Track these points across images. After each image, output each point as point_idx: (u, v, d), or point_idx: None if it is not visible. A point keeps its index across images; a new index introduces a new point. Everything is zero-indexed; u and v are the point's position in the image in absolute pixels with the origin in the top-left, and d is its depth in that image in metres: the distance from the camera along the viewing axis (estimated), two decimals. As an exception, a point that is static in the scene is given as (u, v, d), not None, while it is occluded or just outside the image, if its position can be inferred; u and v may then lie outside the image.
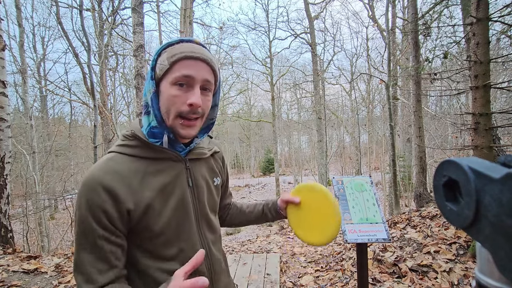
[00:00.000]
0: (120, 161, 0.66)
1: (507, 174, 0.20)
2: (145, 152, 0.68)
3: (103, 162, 0.65)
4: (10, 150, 3.74)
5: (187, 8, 6.23)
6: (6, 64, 3.82)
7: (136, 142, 0.68)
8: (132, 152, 0.68)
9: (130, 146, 0.68)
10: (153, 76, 0.67)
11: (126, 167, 0.65)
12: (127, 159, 0.67)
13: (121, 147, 0.68)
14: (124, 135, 0.70)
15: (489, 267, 0.25)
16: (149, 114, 0.69)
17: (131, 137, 0.69)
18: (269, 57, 18.27)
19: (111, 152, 0.69)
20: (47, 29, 13.69)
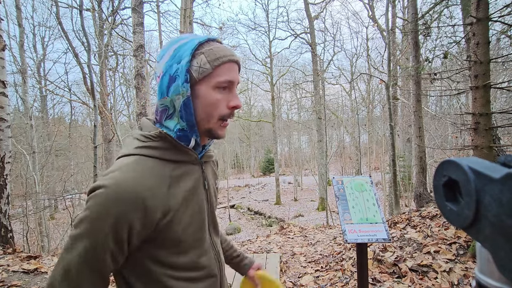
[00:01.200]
0: (148, 165, 0.60)
1: (507, 174, 0.20)
2: (172, 155, 0.64)
3: (130, 167, 0.58)
4: (10, 150, 3.74)
5: (187, 8, 6.23)
6: (6, 64, 3.82)
7: (163, 144, 0.63)
8: (159, 155, 0.62)
9: (157, 148, 0.62)
10: (188, 78, 0.61)
11: (156, 173, 0.60)
12: (154, 163, 0.61)
13: (146, 149, 0.61)
14: (148, 135, 0.63)
15: (489, 267, 0.25)
16: (172, 118, 0.64)
17: (157, 138, 0.62)
18: (269, 57, 18.29)
19: (129, 155, 0.61)
20: (47, 29, 13.71)
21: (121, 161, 0.60)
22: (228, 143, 28.53)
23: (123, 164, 0.59)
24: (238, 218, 15.10)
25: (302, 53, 20.03)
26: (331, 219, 8.93)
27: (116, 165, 0.59)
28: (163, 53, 0.64)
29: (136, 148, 0.62)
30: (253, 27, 19.08)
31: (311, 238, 4.44)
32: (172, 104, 0.63)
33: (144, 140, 0.63)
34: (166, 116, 0.65)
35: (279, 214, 14.52)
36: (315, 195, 16.63)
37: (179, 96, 0.61)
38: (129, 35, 9.71)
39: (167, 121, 0.65)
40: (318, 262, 3.39)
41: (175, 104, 0.63)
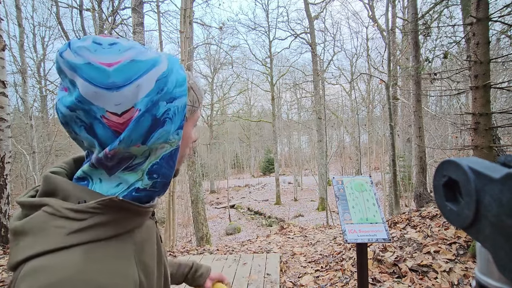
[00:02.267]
0: (106, 253, 0.40)
1: (507, 174, 0.20)
2: (127, 224, 0.44)
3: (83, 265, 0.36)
4: (10, 150, 3.74)
5: (187, 8, 6.23)
6: (6, 64, 3.82)
7: (114, 215, 0.41)
8: (111, 233, 0.41)
9: (105, 224, 0.41)
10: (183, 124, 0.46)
11: (121, 259, 0.42)
12: (108, 247, 0.41)
13: (89, 232, 0.39)
14: (88, 208, 0.39)
15: (489, 267, 0.25)
16: (134, 171, 0.45)
17: (104, 208, 0.40)
18: (269, 57, 18.30)
19: (68, 248, 0.37)
20: (47, 29, 13.72)
21: (52, 265, 0.35)
22: (228, 143, 28.55)
23: (62, 270, 0.35)
24: (238, 218, 15.10)
25: (302, 53, 20.07)
26: (331, 219, 8.93)
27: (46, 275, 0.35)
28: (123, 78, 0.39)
29: (71, 234, 0.38)
30: (253, 27, 19.11)
31: (311, 238, 4.44)
32: (146, 154, 0.44)
33: (80, 218, 0.39)
34: (126, 167, 0.44)
35: (279, 214, 14.53)
36: (315, 195, 16.64)
37: (166, 145, 0.45)
38: (129, 35, 9.71)
39: (126, 174, 0.44)
40: (318, 262, 3.39)
41: (152, 154, 0.45)
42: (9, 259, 0.39)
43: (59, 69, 0.39)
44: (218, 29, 13.95)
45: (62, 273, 0.35)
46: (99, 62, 0.38)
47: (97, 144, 0.42)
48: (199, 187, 7.94)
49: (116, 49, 0.40)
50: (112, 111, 0.40)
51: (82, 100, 0.38)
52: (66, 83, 0.40)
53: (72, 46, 0.39)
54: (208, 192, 22.16)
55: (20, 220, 0.40)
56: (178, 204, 12.95)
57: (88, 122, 0.40)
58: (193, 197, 7.98)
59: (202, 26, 12.79)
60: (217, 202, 19.24)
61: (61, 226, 0.38)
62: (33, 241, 0.37)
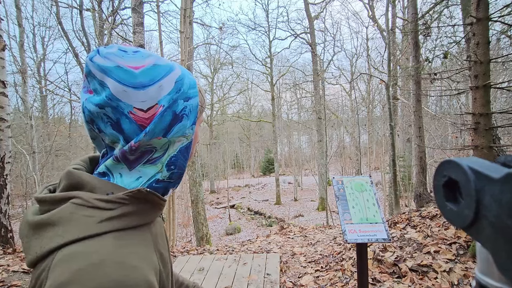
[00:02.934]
0: (133, 240, 0.43)
1: (507, 174, 0.20)
2: (150, 216, 0.48)
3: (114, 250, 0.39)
4: (10, 150, 3.74)
5: (187, 8, 6.23)
6: (6, 64, 3.82)
7: (139, 206, 0.45)
8: (137, 222, 0.45)
9: (132, 214, 0.44)
10: (196, 120, 0.53)
11: (146, 246, 0.45)
12: (135, 235, 0.44)
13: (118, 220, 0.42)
14: (117, 198, 0.43)
15: (489, 267, 0.25)
16: (155, 163, 0.49)
17: (131, 199, 0.44)
18: (269, 57, 18.30)
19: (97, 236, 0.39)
20: (47, 29, 13.72)
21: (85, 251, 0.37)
22: (228, 143, 28.57)
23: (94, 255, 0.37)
24: (238, 218, 15.10)
25: (302, 53, 20.06)
26: (331, 219, 8.93)
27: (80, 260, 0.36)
28: (147, 79, 0.45)
29: (101, 222, 0.40)
30: (253, 27, 19.10)
31: (311, 238, 4.44)
32: (165, 147, 0.49)
33: (110, 208, 0.42)
34: (147, 160, 0.48)
35: (279, 214, 14.53)
36: (315, 195, 16.65)
37: (183, 138, 0.50)
38: (129, 35, 9.72)
39: (147, 167, 0.48)
40: (318, 262, 3.39)
41: (170, 147, 0.49)
42: (30, 252, 0.40)
43: (88, 72, 0.44)
44: (218, 29, 13.96)
45: (96, 257, 0.37)
46: (127, 66, 0.44)
47: (122, 138, 0.46)
48: (199, 187, 7.94)
49: (140, 55, 0.46)
50: (139, 107, 0.45)
51: (112, 98, 0.43)
52: (94, 85, 0.44)
53: (101, 52, 0.44)
54: (208, 192, 22.15)
55: (40, 214, 0.42)
56: (178, 204, 12.95)
57: (115, 118, 0.45)
58: (193, 197, 7.98)
59: (202, 26, 12.79)
60: (217, 202, 19.23)
61: (91, 215, 0.40)
62: (63, 231, 0.39)
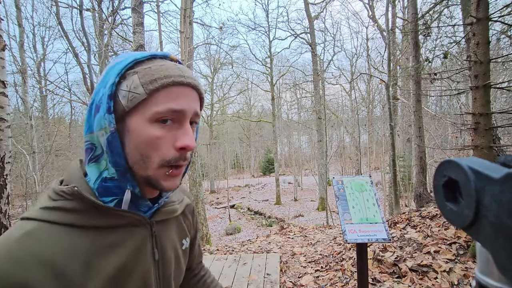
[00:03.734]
0: (47, 237, 0.40)
1: (507, 174, 0.20)
2: (91, 219, 0.44)
3: (14, 241, 0.39)
4: (10, 150, 3.73)
5: (187, 8, 6.23)
6: (6, 64, 3.82)
7: (77, 204, 0.43)
8: (70, 220, 0.42)
9: (67, 211, 0.43)
10: (111, 108, 0.44)
11: (59, 248, 0.40)
12: (59, 233, 0.41)
13: (50, 212, 0.42)
14: (58, 191, 0.43)
15: (489, 267, 0.25)
16: (99, 161, 0.46)
17: (69, 195, 0.43)
18: (269, 57, 18.30)
19: (29, 220, 0.41)
20: (47, 29, 13.72)
21: (10, 230, 0.41)
22: (228, 143, 28.56)
23: (7, 235, 0.40)
24: (238, 218, 15.10)
25: (302, 53, 20.07)
26: (331, 219, 8.93)
27: (6, 234, 0.40)
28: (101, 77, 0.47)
29: (40, 209, 0.42)
30: (253, 27, 19.10)
31: (311, 238, 4.44)
32: (99, 142, 0.46)
33: (54, 198, 0.43)
34: (91, 158, 0.47)
35: (279, 214, 14.53)
36: (315, 195, 16.64)
37: (103, 131, 0.45)
38: (129, 35, 9.72)
39: (90, 166, 0.47)
40: (318, 262, 3.39)
41: (101, 142, 0.46)
42: None
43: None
44: (218, 29, 13.95)
45: (6, 237, 0.39)
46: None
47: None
48: (199, 187, 7.94)
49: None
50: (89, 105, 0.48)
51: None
52: None
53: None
54: (208, 192, 22.15)
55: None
56: (178, 204, 12.91)
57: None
58: (193, 197, 7.94)
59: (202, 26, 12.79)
60: (217, 202, 19.23)
61: (40, 202, 0.44)
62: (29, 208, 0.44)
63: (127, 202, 0.47)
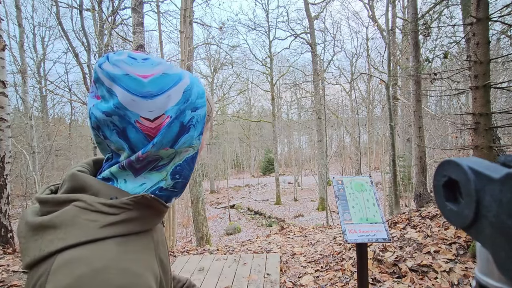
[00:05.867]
0: (136, 246, 0.43)
1: (507, 174, 0.20)
2: (152, 222, 0.48)
3: (117, 261, 0.38)
4: (10, 150, 3.74)
5: (187, 8, 6.23)
6: (6, 64, 3.82)
7: (143, 212, 0.45)
8: (140, 228, 0.45)
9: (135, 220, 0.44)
10: (202, 130, 0.52)
11: (147, 253, 0.45)
12: (137, 241, 0.44)
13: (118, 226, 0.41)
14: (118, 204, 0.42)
15: (489, 267, 0.25)
16: (160, 171, 0.49)
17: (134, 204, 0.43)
18: (269, 57, 18.30)
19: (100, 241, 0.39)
20: (47, 29, 13.72)
21: (88, 255, 0.37)
22: (228, 143, 28.55)
23: (97, 260, 0.36)
24: (238, 218, 15.10)
25: (302, 53, 20.06)
26: (331, 219, 8.93)
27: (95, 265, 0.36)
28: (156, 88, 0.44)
29: (104, 227, 0.40)
30: (253, 27, 19.11)
31: (311, 238, 4.44)
32: (171, 156, 0.49)
33: (113, 213, 0.41)
34: (153, 167, 0.48)
35: (279, 214, 14.53)
36: (315, 195, 16.65)
37: (189, 149, 0.50)
38: (129, 35, 9.71)
39: (152, 174, 0.48)
40: (318, 262, 3.39)
41: (177, 156, 0.49)
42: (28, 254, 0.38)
43: (96, 79, 0.44)
44: (218, 29, 13.96)
45: (98, 263, 0.36)
46: (136, 74, 0.43)
47: (127, 147, 0.46)
48: (199, 187, 7.94)
49: (149, 63, 0.45)
50: (146, 117, 0.44)
51: (120, 106, 0.43)
52: (102, 91, 0.44)
53: (110, 59, 0.44)
54: (208, 192, 22.15)
55: (41, 216, 0.41)
56: (178, 204, 12.95)
57: (121, 127, 0.44)
58: (193, 197, 7.98)
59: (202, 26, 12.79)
60: (217, 202, 19.23)
61: (94, 220, 0.40)
62: (64, 234, 0.38)
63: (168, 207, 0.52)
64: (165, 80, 0.46)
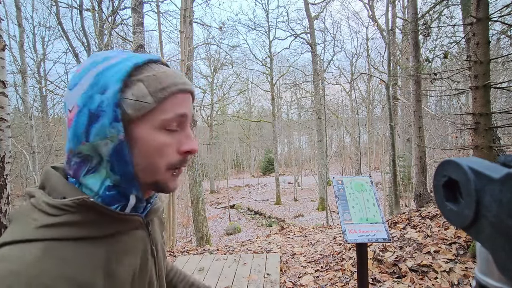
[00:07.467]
0: (63, 255, 0.38)
1: (507, 174, 0.20)
2: (100, 228, 0.43)
3: (30, 266, 0.35)
4: (10, 150, 3.73)
5: (187, 8, 6.24)
6: (6, 64, 3.81)
7: (84, 216, 0.41)
8: (80, 234, 0.40)
9: (74, 224, 0.40)
10: (118, 116, 0.42)
11: (78, 264, 0.39)
12: (73, 248, 0.39)
13: (56, 229, 0.39)
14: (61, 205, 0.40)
15: (489, 267, 0.25)
16: (97, 171, 0.44)
17: (74, 208, 0.40)
18: (269, 57, 18.31)
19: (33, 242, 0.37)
20: (47, 29, 13.70)
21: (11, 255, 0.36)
22: (228, 143, 28.56)
23: (17, 261, 0.35)
24: (238, 218, 15.10)
25: (302, 53, 20.06)
26: (331, 219, 8.93)
27: (9, 263, 0.35)
28: (78, 78, 0.43)
29: (40, 228, 0.38)
30: (253, 27, 19.12)
31: (311, 238, 4.44)
32: (96, 152, 0.43)
33: (54, 214, 0.39)
34: (88, 170, 0.44)
35: (279, 214, 14.53)
36: (315, 195, 16.64)
37: (107, 141, 0.42)
38: (129, 35, 9.71)
39: (88, 178, 0.44)
40: (318, 262, 3.39)
41: (101, 152, 0.43)
42: None
43: None
44: (218, 29, 13.95)
45: (15, 265, 0.35)
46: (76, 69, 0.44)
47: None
48: (199, 187, 7.94)
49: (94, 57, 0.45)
50: (69, 109, 0.43)
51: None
52: None
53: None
54: (208, 192, 22.15)
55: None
56: (178, 204, 12.95)
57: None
58: (193, 197, 7.98)
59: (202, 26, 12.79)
60: (217, 202, 19.23)
61: (35, 219, 0.39)
62: (10, 230, 0.39)
63: (131, 207, 0.47)
64: (89, 67, 0.43)
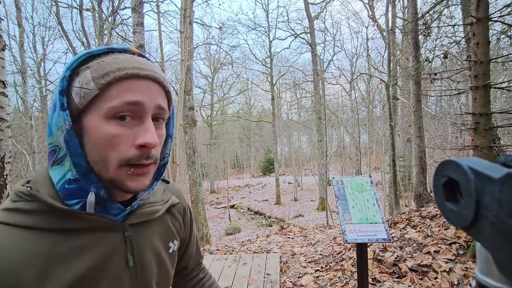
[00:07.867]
0: (6, 240, 0.39)
1: (507, 174, 0.19)
2: (52, 222, 0.42)
3: None
4: (10, 150, 3.73)
5: (187, 8, 6.24)
6: (6, 64, 3.81)
7: (37, 206, 0.41)
8: (30, 223, 0.41)
9: (26, 212, 0.41)
10: (64, 104, 0.41)
11: (17, 252, 0.38)
12: (19, 236, 0.40)
13: (10, 214, 0.41)
14: (17, 192, 0.42)
15: (489, 267, 0.25)
16: (62, 163, 0.44)
17: (28, 196, 0.42)
18: (269, 57, 18.31)
19: None
20: (47, 29, 13.70)
21: None
22: (228, 143, 28.56)
23: None
24: (238, 218, 15.10)
25: (302, 53, 20.10)
26: (331, 219, 8.93)
27: None
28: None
29: (1, 211, 0.41)
30: (253, 27, 19.13)
31: (311, 238, 4.44)
32: (60, 143, 0.43)
33: (14, 199, 0.42)
34: (54, 161, 0.44)
35: (279, 214, 14.53)
36: (315, 195, 16.64)
37: (59, 131, 0.42)
38: (129, 35, 9.71)
39: (53, 169, 0.44)
40: (318, 262, 3.39)
41: (60, 142, 0.43)
42: None
43: None
44: (218, 29, 13.95)
45: None
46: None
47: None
48: (199, 187, 7.94)
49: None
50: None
51: None
52: None
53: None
54: (208, 192, 22.15)
55: None
56: (178, 204, 12.90)
57: None
58: (193, 197, 7.98)
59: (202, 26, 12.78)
60: (217, 202, 19.23)
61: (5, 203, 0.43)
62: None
63: (91, 205, 0.44)
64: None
